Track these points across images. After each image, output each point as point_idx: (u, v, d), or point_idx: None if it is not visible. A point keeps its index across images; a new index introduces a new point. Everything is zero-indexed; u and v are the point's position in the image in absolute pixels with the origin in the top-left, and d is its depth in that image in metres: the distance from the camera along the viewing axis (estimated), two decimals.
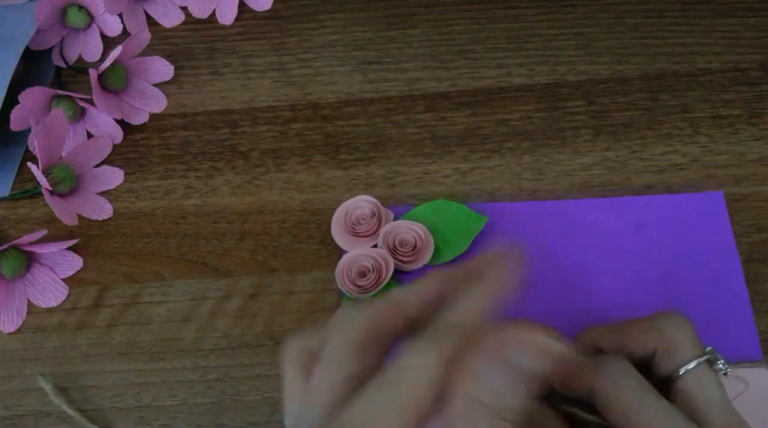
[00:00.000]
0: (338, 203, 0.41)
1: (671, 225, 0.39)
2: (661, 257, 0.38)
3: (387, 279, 0.38)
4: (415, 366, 0.22)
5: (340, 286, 0.38)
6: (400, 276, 0.39)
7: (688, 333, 0.30)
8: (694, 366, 0.29)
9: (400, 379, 0.22)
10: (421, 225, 0.39)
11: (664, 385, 0.29)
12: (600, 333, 0.32)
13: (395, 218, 0.40)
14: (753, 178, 0.41)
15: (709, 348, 0.29)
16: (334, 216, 0.40)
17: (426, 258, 0.39)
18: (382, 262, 0.38)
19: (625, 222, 0.40)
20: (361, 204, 0.40)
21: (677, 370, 0.29)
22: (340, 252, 0.40)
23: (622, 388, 0.28)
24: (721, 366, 0.29)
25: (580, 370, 0.29)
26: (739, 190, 0.41)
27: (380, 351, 0.24)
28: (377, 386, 0.22)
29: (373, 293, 0.38)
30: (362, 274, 0.38)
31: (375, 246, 0.39)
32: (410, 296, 0.25)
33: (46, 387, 0.37)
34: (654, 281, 0.38)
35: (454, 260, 0.39)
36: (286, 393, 0.25)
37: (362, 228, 0.39)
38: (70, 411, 0.36)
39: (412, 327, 0.25)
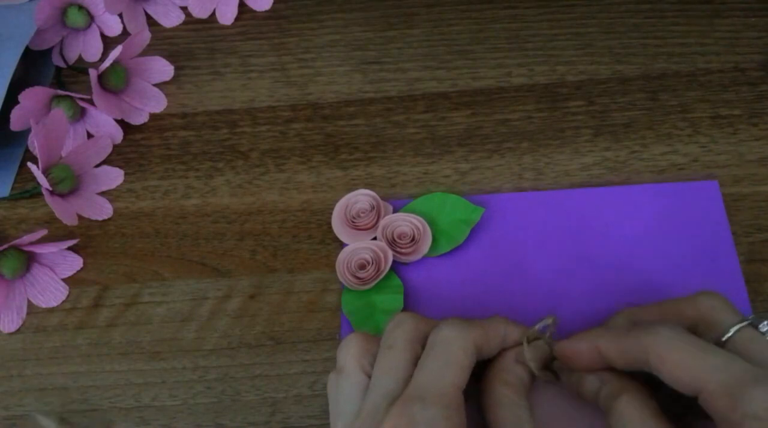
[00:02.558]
0: None
1: (665, 215, 0.39)
2: (655, 246, 0.39)
3: (386, 271, 0.38)
4: (454, 338, 0.29)
5: (340, 278, 0.39)
6: (398, 267, 0.39)
7: (723, 303, 0.30)
8: (737, 331, 0.28)
9: (445, 349, 0.29)
10: (419, 218, 0.39)
11: None
12: (637, 312, 0.32)
13: (394, 211, 0.41)
14: (753, 178, 0.41)
15: (751, 316, 0.29)
16: (335, 210, 0.41)
17: (424, 249, 0.39)
18: (381, 255, 0.39)
19: (620, 211, 0.40)
20: (361, 198, 0.41)
21: (720, 339, 0.29)
22: (341, 245, 0.40)
23: (676, 345, 0.27)
24: (766, 327, 0.29)
25: (630, 343, 0.29)
26: (739, 189, 0.41)
27: (423, 345, 0.31)
28: (432, 356, 0.29)
29: (372, 284, 0.38)
30: (362, 266, 0.39)
31: (374, 238, 0.40)
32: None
33: (51, 426, 0.36)
34: (647, 270, 0.38)
35: (452, 251, 0.39)
36: (392, 361, 0.30)
37: (362, 222, 0.40)
38: None
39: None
